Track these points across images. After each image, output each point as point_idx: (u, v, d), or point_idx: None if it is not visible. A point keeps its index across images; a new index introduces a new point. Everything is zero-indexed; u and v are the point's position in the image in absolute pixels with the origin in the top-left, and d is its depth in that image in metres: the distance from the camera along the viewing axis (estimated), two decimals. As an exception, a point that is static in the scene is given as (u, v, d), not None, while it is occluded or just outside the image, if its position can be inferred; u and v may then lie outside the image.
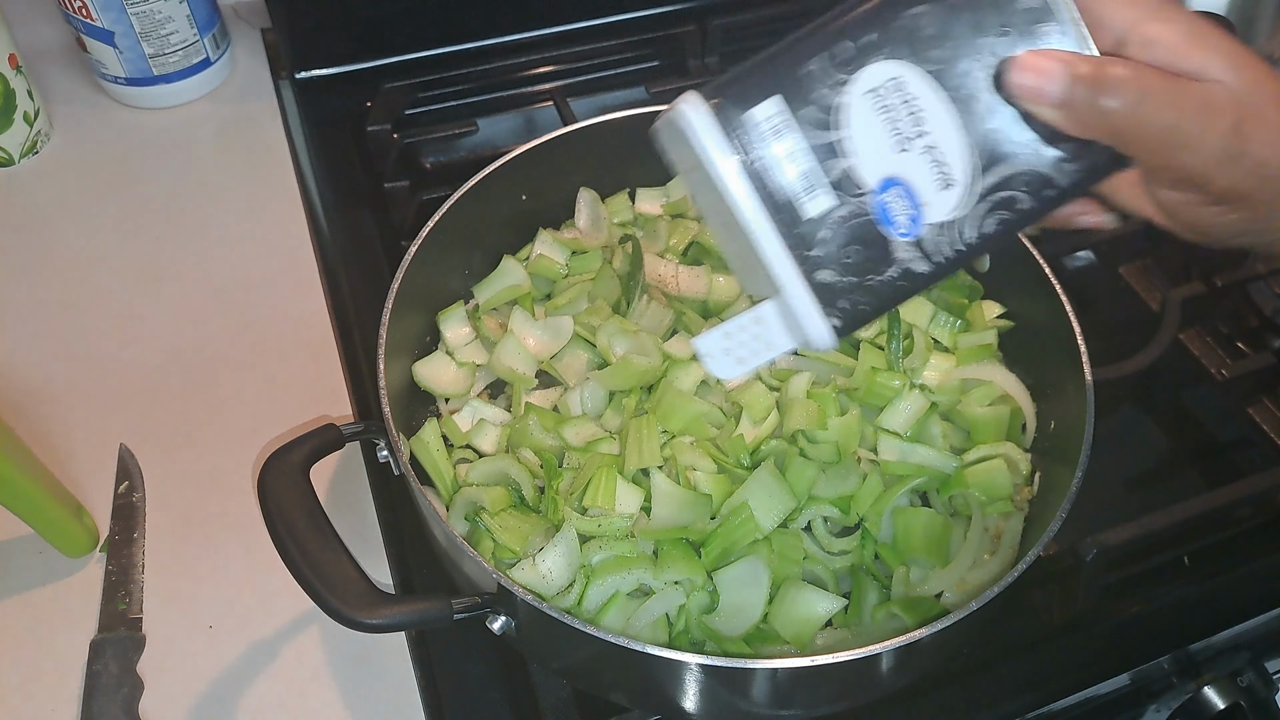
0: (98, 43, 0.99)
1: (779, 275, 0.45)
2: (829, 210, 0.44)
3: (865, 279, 0.45)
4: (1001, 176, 0.44)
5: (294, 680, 0.67)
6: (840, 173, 0.44)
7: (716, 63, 1.11)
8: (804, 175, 0.44)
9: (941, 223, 0.45)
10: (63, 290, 0.89)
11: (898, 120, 0.43)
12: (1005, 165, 0.44)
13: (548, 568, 0.65)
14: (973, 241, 0.45)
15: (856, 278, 0.45)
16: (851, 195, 0.44)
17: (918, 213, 0.44)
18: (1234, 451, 0.84)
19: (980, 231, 0.45)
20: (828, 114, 0.43)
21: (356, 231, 0.96)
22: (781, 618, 0.64)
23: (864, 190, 0.44)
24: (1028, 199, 0.45)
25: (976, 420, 0.74)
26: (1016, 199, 0.45)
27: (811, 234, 0.44)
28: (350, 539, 0.59)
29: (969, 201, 0.45)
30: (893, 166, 0.44)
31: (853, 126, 0.43)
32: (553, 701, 0.67)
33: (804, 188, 0.44)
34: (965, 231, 0.45)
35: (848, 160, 0.44)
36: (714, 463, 0.71)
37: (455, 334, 0.81)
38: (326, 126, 1.06)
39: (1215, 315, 0.89)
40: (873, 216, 0.44)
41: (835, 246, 0.44)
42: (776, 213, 0.44)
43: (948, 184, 0.44)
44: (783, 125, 0.43)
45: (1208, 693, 0.72)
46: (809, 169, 0.44)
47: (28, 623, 0.69)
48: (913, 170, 0.44)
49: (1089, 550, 0.69)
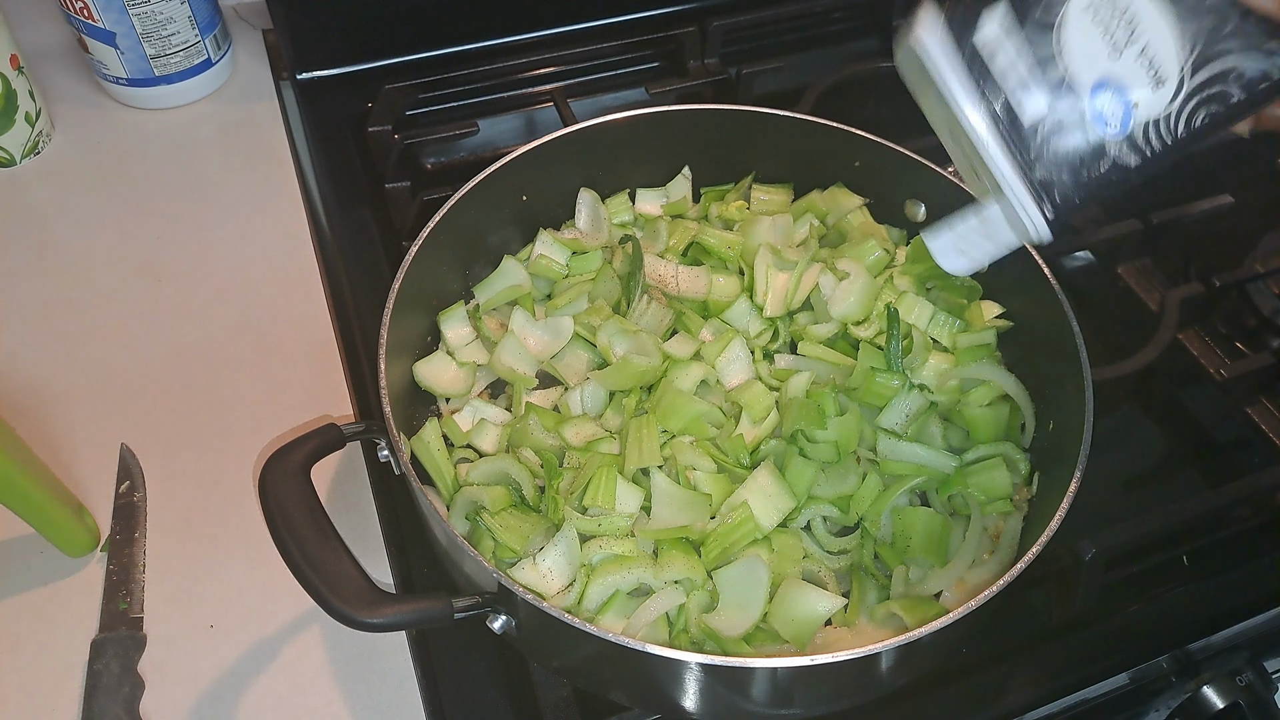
0: (99, 43, 0.99)
1: (1000, 174, 0.48)
2: (1047, 111, 0.47)
3: (1080, 175, 0.48)
4: (1214, 73, 0.47)
5: (295, 679, 0.67)
6: (1059, 76, 0.47)
7: (716, 63, 1.11)
8: (1025, 81, 0.47)
9: (1152, 120, 0.48)
10: (64, 290, 0.89)
11: (1113, 29, 0.46)
12: (1218, 62, 0.47)
13: (548, 567, 0.65)
14: (1182, 135, 0.48)
15: (1071, 174, 0.48)
16: (1068, 96, 0.47)
17: (1129, 111, 0.47)
18: (1233, 451, 0.84)
19: (1190, 126, 0.48)
20: (1050, 23, 0.47)
21: (357, 232, 0.96)
22: (781, 617, 0.64)
23: (1080, 91, 0.47)
24: (1239, 92, 0.47)
25: (975, 420, 0.74)
26: (1228, 93, 0.47)
27: (1030, 135, 0.48)
28: (351, 539, 0.60)
29: (1180, 97, 0.47)
30: (1106, 70, 0.47)
31: (1072, 32, 0.47)
32: (553, 700, 0.67)
33: (1025, 92, 0.47)
34: (1177, 125, 0.48)
35: (1065, 63, 0.47)
36: (714, 463, 0.71)
37: (456, 334, 0.81)
38: (327, 127, 1.06)
39: (1214, 315, 0.89)
40: (1087, 117, 0.47)
41: (1053, 145, 0.48)
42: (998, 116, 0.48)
43: (1160, 82, 0.47)
44: (1008, 35, 0.47)
45: (1207, 692, 0.72)
46: (1030, 74, 0.47)
47: (29, 622, 0.69)
48: (1126, 73, 0.47)
49: (1088, 550, 0.69)
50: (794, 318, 0.83)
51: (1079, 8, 0.47)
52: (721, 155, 0.90)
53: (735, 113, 0.86)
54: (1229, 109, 0.48)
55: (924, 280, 0.84)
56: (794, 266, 0.81)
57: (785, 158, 0.89)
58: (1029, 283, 0.76)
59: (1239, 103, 0.48)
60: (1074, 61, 0.47)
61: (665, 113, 0.86)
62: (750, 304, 0.82)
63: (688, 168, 0.92)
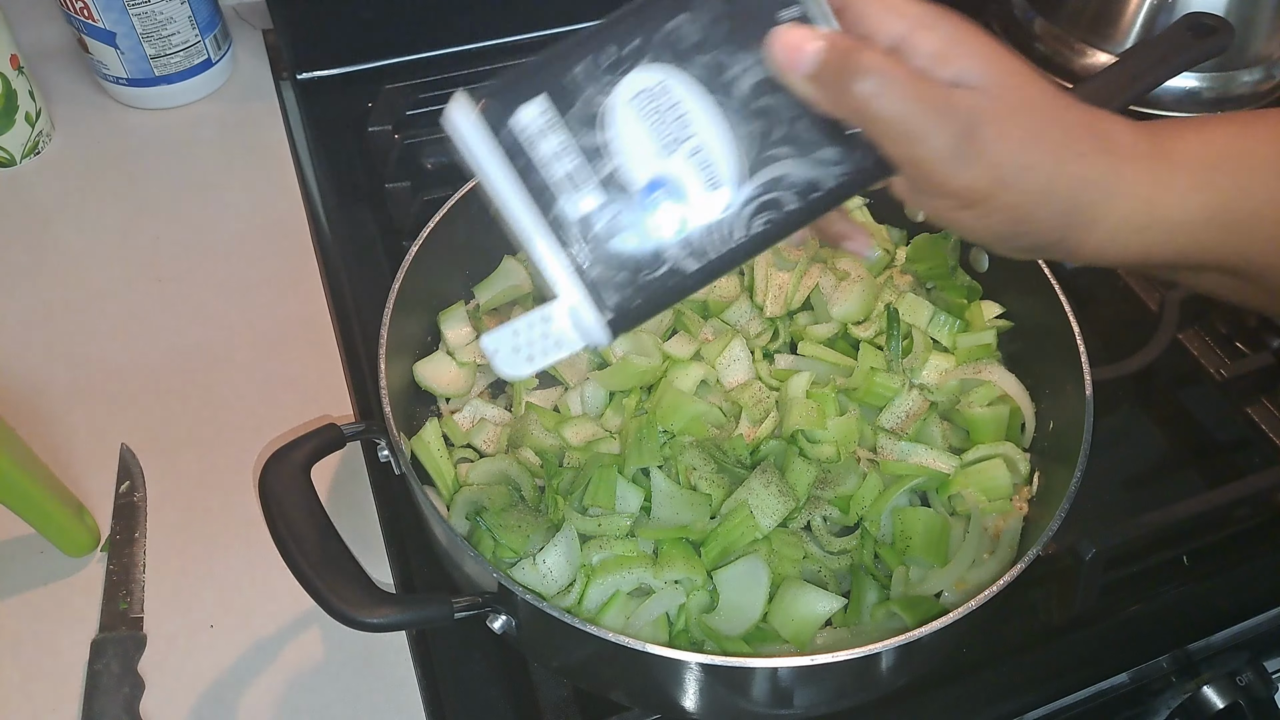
0: (99, 43, 0.99)
1: (551, 273, 0.46)
2: (597, 209, 0.45)
3: (637, 277, 0.46)
4: (769, 178, 0.46)
5: (295, 679, 0.67)
6: (608, 173, 0.45)
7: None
8: (571, 175, 0.45)
9: (709, 224, 0.46)
10: (64, 290, 0.89)
11: (665, 123, 0.45)
12: (772, 167, 0.45)
13: (548, 567, 0.65)
14: (742, 241, 0.46)
15: (629, 275, 0.46)
16: (620, 195, 0.45)
17: (685, 213, 0.45)
18: (1233, 451, 0.84)
19: (749, 232, 0.46)
20: (594, 116, 0.44)
21: (358, 232, 0.96)
22: (781, 617, 0.64)
23: (632, 190, 0.45)
24: (795, 200, 0.46)
25: (976, 420, 0.74)
26: (783, 200, 0.46)
27: (582, 233, 0.45)
28: (351, 539, 0.60)
29: (736, 203, 0.46)
30: (660, 168, 0.45)
31: (619, 128, 0.45)
32: (553, 701, 0.67)
33: (572, 187, 0.45)
34: (734, 231, 0.46)
35: (615, 161, 0.45)
36: (714, 463, 0.71)
37: (456, 334, 0.81)
38: (328, 127, 1.06)
39: (1214, 315, 0.89)
40: (641, 216, 0.45)
41: (606, 245, 0.45)
42: (546, 211, 0.45)
43: (715, 185, 0.45)
44: (549, 126, 0.44)
45: (1207, 692, 0.72)
46: (576, 169, 0.45)
47: (29, 622, 0.69)
48: (680, 172, 0.45)
49: (1088, 550, 0.69)
50: (794, 318, 0.83)
51: (625, 99, 0.44)
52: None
53: (735, 113, 0.86)
54: (786, 216, 0.46)
55: (924, 280, 0.84)
56: (794, 266, 0.81)
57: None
58: (1029, 283, 0.76)
59: (795, 210, 0.46)
60: (624, 158, 0.45)
61: (665, 113, 0.86)
62: (750, 304, 0.82)
63: (688, 168, 0.92)
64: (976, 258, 0.83)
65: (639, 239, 0.45)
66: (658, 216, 0.45)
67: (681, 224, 0.45)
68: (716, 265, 0.46)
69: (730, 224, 0.46)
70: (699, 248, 0.46)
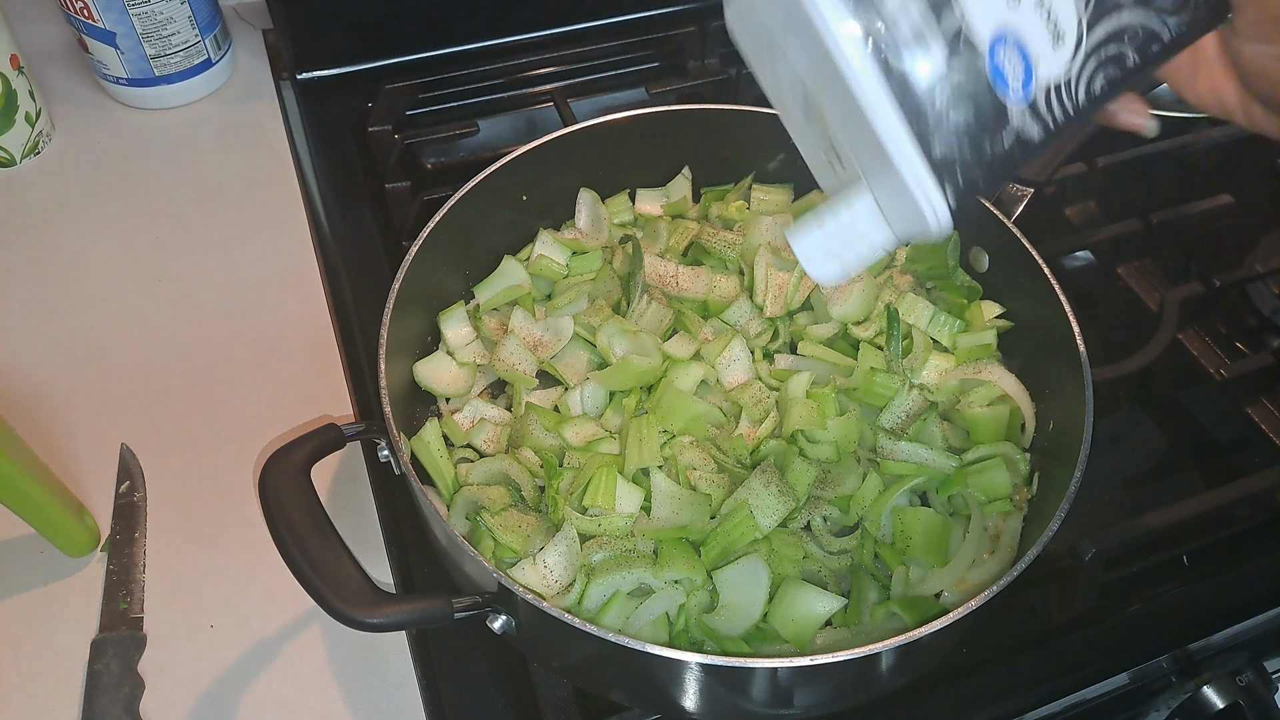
0: (99, 43, 0.99)
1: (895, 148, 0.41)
2: (942, 72, 0.41)
3: (982, 150, 0.43)
4: (1110, 30, 0.44)
5: (295, 679, 0.67)
6: (954, 28, 0.41)
7: (716, 63, 1.11)
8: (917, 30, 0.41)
9: (1053, 83, 0.43)
10: (64, 290, 0.89)
11: None
12: (1113, 18, 0.44)
13: (548, 567, 0.65)
14: (1082, 103, 0.44)
15: (973, 149, 0.42)
16: (966, 54, 0.41)
17: (1030, 72, 0.43)
18: (1233, 451, 0.84)
19: (1089, 91, 0.44)
20: None
21: (358, 232, 0.96)
22: (781, 617, 0.64)
23: (978, 47, 0.42)
24: (1133, 54, 0.44)
25: (976, 420, 0.74)
26: (1124, 55, 0.44)
27: (927, 99, 0.41)
28: (351, 538, 0.60)
29: (1078, 57, 0.44)
30: (1005, 20, 0.42)
31: None
32: (553, 700, 0.67)
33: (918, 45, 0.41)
34: (1077, 91, 0.44)
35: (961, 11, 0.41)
36: (714, 463, 0.71)
37: (456, 334, 0.81)
38: (328, 127, 1.06)
39: (1214, 315, 0.89)
40: (987, 77, 0.42)
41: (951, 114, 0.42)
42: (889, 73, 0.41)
43: (1059, 38, 0.43)
44: None
45: (1207, 692, 0.72)
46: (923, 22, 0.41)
47: (29, 622, 0.69)
48: (1025, 25, 0.42)
49: (1088, 550, 0.69)
50: (794, 318, 0.83)
51: None
52: (721, 155, 0.90)
53: (735, 113, 0.86)
54: (1124, 73, 0.44)
55: (924, 280, 0.84)
56: (794, 266, 0.81)
57: (785, 158, 0.89)
58: (1029, 283, 0.76)
59: (1133, 67, 0.44)
60: (971, 8, 0.41)
61: (665, 113, 0.86)
62: (750, 304, 0.82)
63: (688, 168, 0.92)
64: (976, 258, 0.83)
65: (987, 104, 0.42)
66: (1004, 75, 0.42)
67: (1027, 83, 0.42)
68: (1057, 131, 0.44)
69: (1074, 84, 0.43)
70: (1044, 112, 0.43)
